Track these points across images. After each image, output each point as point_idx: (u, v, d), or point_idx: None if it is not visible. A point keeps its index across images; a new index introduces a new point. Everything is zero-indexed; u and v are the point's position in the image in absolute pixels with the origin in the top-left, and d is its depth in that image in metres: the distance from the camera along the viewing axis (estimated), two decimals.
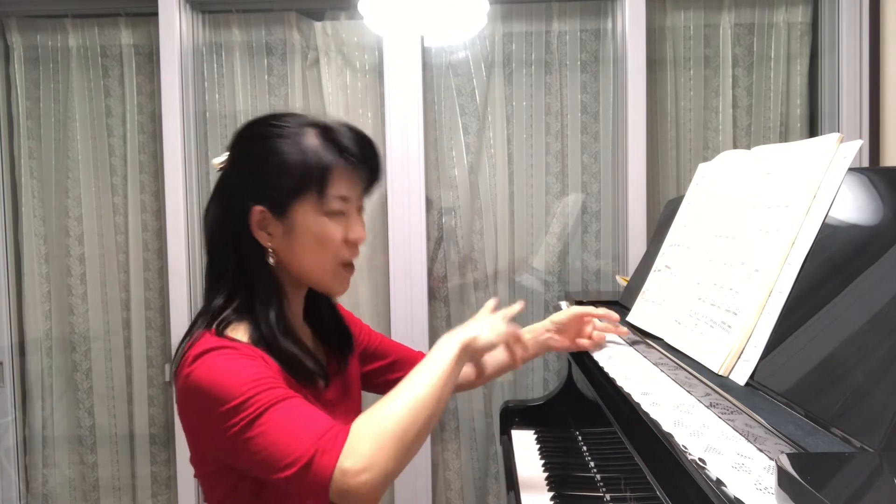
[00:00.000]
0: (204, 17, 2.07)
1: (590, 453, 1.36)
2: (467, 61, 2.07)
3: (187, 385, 0.84)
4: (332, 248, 0.94)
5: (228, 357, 0.84)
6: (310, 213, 0.92)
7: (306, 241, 0.93)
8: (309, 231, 0.93)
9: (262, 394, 0.80)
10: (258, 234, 0.93)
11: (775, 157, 1.02)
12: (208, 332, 0.89)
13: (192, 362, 0.85)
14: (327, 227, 0.93)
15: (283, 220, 0.92)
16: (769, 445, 0.66)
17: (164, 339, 2.13)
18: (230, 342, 0.87)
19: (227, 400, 0.79)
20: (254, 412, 0.78)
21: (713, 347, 0.93)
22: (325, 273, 0.96)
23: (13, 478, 2.14)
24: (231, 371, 0.82)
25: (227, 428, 0.79)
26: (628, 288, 1.52)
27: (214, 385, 0.81)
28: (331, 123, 0.95)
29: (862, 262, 0.75)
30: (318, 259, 0.94)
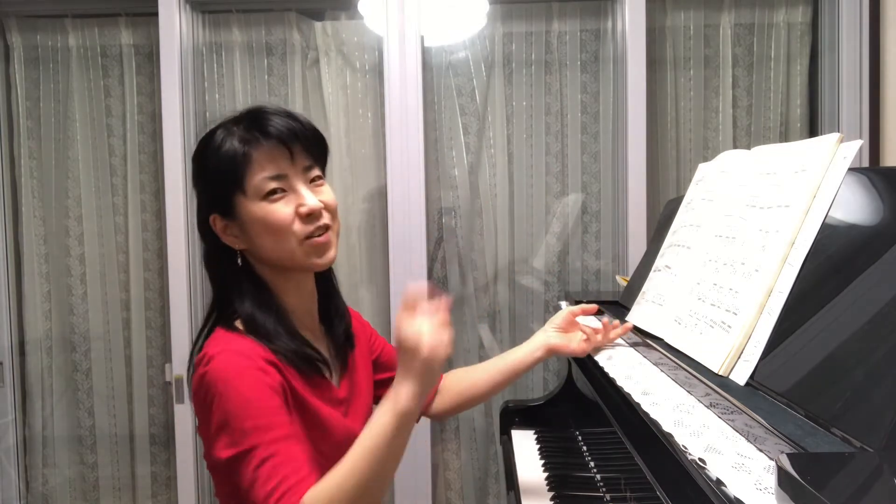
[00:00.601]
0: (204, 17, 2.07)
1: (590, 453, 1.36)
2: (467, 61, 2.07)
3: (202, 384, 0.87)
4: (284, 227, 0.94)
5: (241, 371, 0.86)
6: (248, 202, 0.94)
7: (260, 231, 0.95)
8: (257, 221, 0.94)
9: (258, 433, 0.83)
10: (227, 240, 0.98)
11: (775, 157, 1.02)
12: (221, 328, 0.94)
13: (207, 362, 0.87)
14: (272, 211, 0.94)
15: (234, 220, 0.96)
16: (769, 445, 0.66)
17: (164, 339, 2.13)
18: (243, 344, 0.90)
19: (230, 420, 0.83)
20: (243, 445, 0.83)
21: (713, 347, 0.93)
22: (292, 253, 0.96)
23: (13, 478, 2.14)
24: (240, 391, 0.85)
25: (219, 437, 0.84)
26: (628, 288, 1.52)
27: (225, 398, 0.84)
28: (251, 109, 0.99)
29: (862, 262, 0.75)
30: (278, 243, 0.95)
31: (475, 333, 2.12)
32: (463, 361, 2.12)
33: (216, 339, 0.91)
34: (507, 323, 2.12)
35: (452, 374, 1.27)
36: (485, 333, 2.12)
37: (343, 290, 2.05)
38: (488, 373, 1.23)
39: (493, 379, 1.22)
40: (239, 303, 0.96)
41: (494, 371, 1.22)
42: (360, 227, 2.09)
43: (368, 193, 2.08)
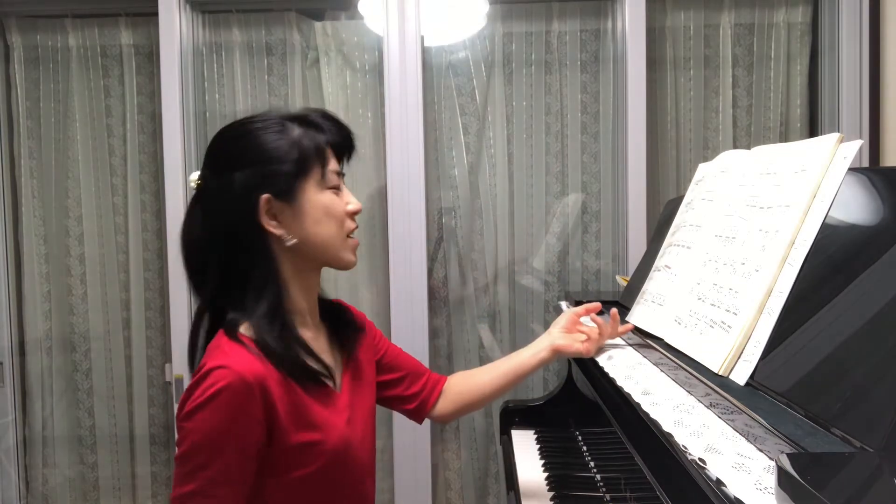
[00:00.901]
0: (204, 17, 2.07)
1: (590, 453, 1.36)
2: (467, 61, 2.07)
3: (191, 394, 0.86)
4: (340, 220, 1.00)
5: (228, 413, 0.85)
6: (315, 190, 0.97)
7: (318, 217, 0.97)
8: (319, 206, 0.97)
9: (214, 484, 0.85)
10: (267, 224, 0.95)
11: (775, 157, 1.02)
12: (225, 336, 0.92)
13: (200, 376, 0.87)
14: (336, 201, 0.99)
15: (291, 203, 0.96)
16: (769, 445, 0.66)
17: (164, 339, 2.13)
18: (245, 361, 0.88)
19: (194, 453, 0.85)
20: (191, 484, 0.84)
21: (713, 347, 0.93)
22: (338, 245, 1.00)
23: (13, 478, 2.14)
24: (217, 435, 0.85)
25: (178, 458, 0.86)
26: (628, 288, 1.52)
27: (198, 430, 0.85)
28: (300, 112, 1.01)
29: (862, 262, 0.75)
30: (330, 231, 0.99)
31: (475, 333, 2.12)
32: (463, 361, 2.12)
33: (218, 349, 0.90)
34: (507, 323, 2.12)
35: (457, 376, 1.27)
36: (485, 333, 2.12)
37: (343, 289, 2.06)
38: (492, 375, 1.22)
39: (497, 381, 1.21)
40: (253, 298, 0.95)
41: (498, 373, 1.22)
42: (360, 226, 2.09)
43: (368, 193, 2.08)
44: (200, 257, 1.00)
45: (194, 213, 1.01)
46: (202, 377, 0.86)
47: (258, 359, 0.89)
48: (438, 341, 2.11)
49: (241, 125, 0.99)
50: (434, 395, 1.22)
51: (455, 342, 2.13)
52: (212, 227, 0.98)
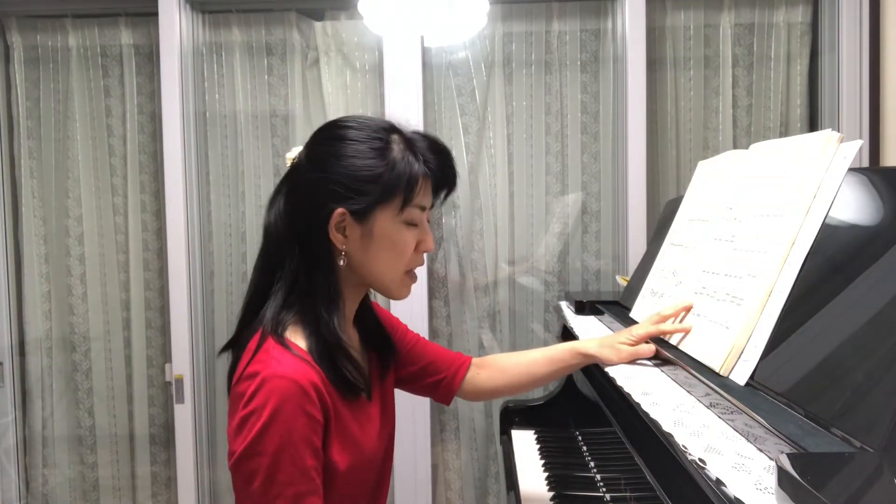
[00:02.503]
0: (204, 17, 2.07)
1: (590, 453, 1.36)
2: (467, 61, 2.07)
3: (251, 405, 0.84)
4: (406, 256, 0.96)
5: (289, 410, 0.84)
6: (390, 219, 0.94)
7: (383, 247, 0.94)
8: (388, 237, 0.94)
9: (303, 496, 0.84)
10: (334, 236, 0.93)
11: (775, 156, 1.02)
12: (272, 336, 0.89)
13: (261, 383, 0.84)
14: (404, 235, 0.95)
15: (362, 224, 0.93)
16: (769, 445, 0.66)
17: (164, 339, 2.13)
18: (297, 368, 0.86)
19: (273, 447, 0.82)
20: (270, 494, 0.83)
21: (713, 347, 0.93)
22: (395, 279, 0.98)
23: (13, 478, 2.14)
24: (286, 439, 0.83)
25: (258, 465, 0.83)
26: (628, 288, 1.52)
27: (273, 425, 0.83)
28: (412, 133, 0.97)
29: (862, 262, 0.75)
30: (390, 265, 0.96)
31: (475, 333, 2.12)
32: None
33: (270, 356, 0.87)
34: (507, 323, 2.12)
35: (508, 355, 1.23)
36: (485, 333, 2.12)
37: None
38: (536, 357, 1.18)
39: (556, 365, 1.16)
40: (314, 305, 0.92)
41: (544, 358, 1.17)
42: None
43: None
44: (277, 241, 0.96)
45: (280, 192, 0.98)
46: (259, 387, 0.84)
47: (311, 367, 0.87)
48: (438, 341, 2.11)
49: (347, 126, 0.95)
50: (458, 377, 1.18)
51: (455, 342, 2.13)
52: (292, 216, 0.95)
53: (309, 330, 0.92)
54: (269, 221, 0.97)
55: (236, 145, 2.09)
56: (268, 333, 0.90)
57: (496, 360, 1.21)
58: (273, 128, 2.10)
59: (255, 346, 0.89)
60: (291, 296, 0.94)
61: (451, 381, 1.18)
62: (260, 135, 2.09)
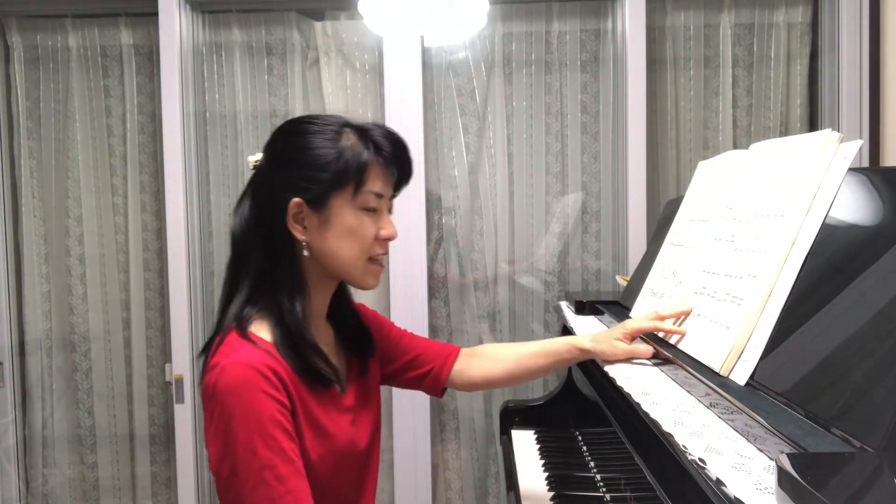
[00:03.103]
0: (204, 17, 2.07)
1: (590, 453, 1.36)
2: (467, 61, 2.07)
3: (214, 395, 0.86)
4: (365, 243, 0.98)
5: (251, 391, 0.85)
6: (346, 206, 0.96)
7: (341, 234, 0.96)
8: (344, 224, 0.96)
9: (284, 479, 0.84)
10: (293, 227, 0.96)
11: (775, 156, 1.02)
12: (233, 330, 0.92)
13: (220, 372, 0.86)
14: (362, 221, 0.97)
15: (319, 213, 0.96)
16: (769, 445, 0.66)
17: (164, 339, 2.13)
18: (256, 356, 0.88)
19: (243, 440, 0.83)
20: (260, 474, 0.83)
21: (713, 347, 0.93)
22: (357, 267, 0.99)
23: (13, 478, 2.14)
24: (250, 414, 0.84)
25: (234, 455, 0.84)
26: (628, 288, 1.52)
27: (236, 417, 0.84)
28: (366, 123, 1.00)
29: (862, 262, 0.75)
30: (350, 252, 0.98)
31: (475, 333, 2.12)
32: None
33: (229, 346, 0.90)
34: (507, 323, 2.12)
35: (502, 345, 1.23)
36: (485, 333, 2.12)
37: None
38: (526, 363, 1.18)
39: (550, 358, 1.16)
40: (276, 297, 0.94)
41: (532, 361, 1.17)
42: None
43: None
44: (243, 240, 0.99)
45: (245, 196, 1.01)
46: (218, 376, 0.86)
47: (271, 357, 0.89)
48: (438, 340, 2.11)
49: (302, 122, 0.99)
50: (446, 368, 1.18)
51: (455, 342, 2.12)
52: (255, 214, 0.99)
53: (273, 322, 0.94)
54: (234, 225, 1.01)
55: (236, 145, 2.09)
56: (231, 328, 0.93)
57: (489, 350, 1.22)
58: (273, 128, 2.08)
59: (219, 341, 0.92)
60: (256, 292, 0.96)
61: (439, 372, 1.18)
62: (260, 135, 2.09)
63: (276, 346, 0.91)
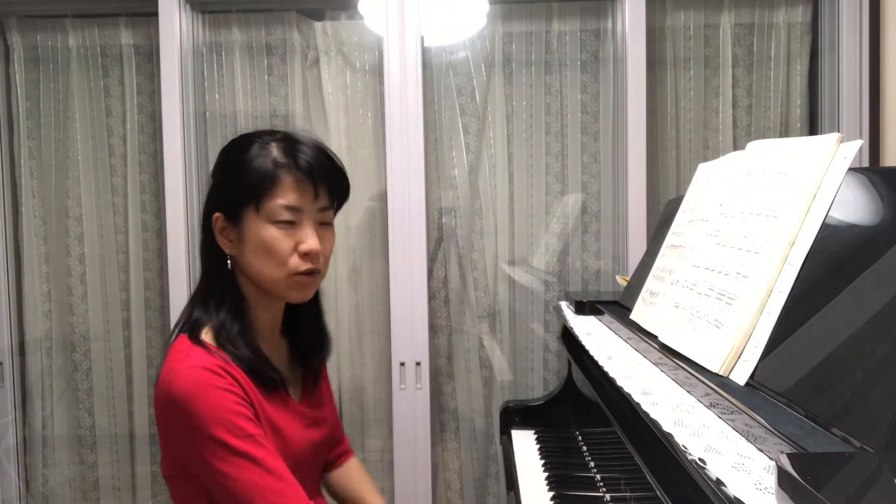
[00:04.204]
0: (204, 17, 2.07)
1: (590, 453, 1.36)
2: (467, 61, 2.07)
3: (171, 401, 0.88)
4: (280, 257, 0.96)
5: (209, 389, 0.87)
6: (257, 220, 0.96)
7: (255, 249, 0.96)
8: (256, 238, 0.96)
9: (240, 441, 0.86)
10: (220, 241, 0.99)
11: (775, 157, 1.02)
12: (184, 336, 0.95)
13: (173, 378, 0.88)
14: (276, 238, 0.95)
15: (236, 227, 0.98)
16: (769, 445, 0.66)
17: (164, 339, 2.13)
18: (207, 359, 0.90)
19: (211, 435, 0.85)
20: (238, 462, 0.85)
21: (713, 347, 0.93)
22: (277, 280, 0.98)
23: (13, 478, 2.14)
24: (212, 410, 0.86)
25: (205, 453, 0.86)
26: (628, 288, 1.52)
27: (198, 415, 0.86)
28: (291, 135, 0.99)
29: (862, 262, 0.75)
30: (267, 266, 0.97)
31: (475, 333, 2.12)
32: (463, 361, 2.12)
33: (181, 352, 0.92)
34: (507, 323, 2.12)
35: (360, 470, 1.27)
36: (485, 333, 2.12)
37: (343, 290, 2.06)
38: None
39: None
40: (215, 305, 0.97)
41: None
42: (360, 226, 2.09)
43: (368, 193, 2.08)
44: (202, 253, 1.05)
45: None
46: (171, 382, 0.88)
47: (220, 359, 0.91)
48: (438, 341, 2.11)
49: (240, 136, 1.02)
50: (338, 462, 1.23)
51: (455, 342, 2.13)
52: (201, 225, 1.04)
53: (218, 330, 0.96)
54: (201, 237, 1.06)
55: None
56: (182, 335, 0.95)
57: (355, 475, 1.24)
58: (273, 128, 2.09)
59: (171, 347, 0.96)
60: (202, 300, 1.00)
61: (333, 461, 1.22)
62: None
63: (222, 350, 0.94)
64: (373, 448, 2.11)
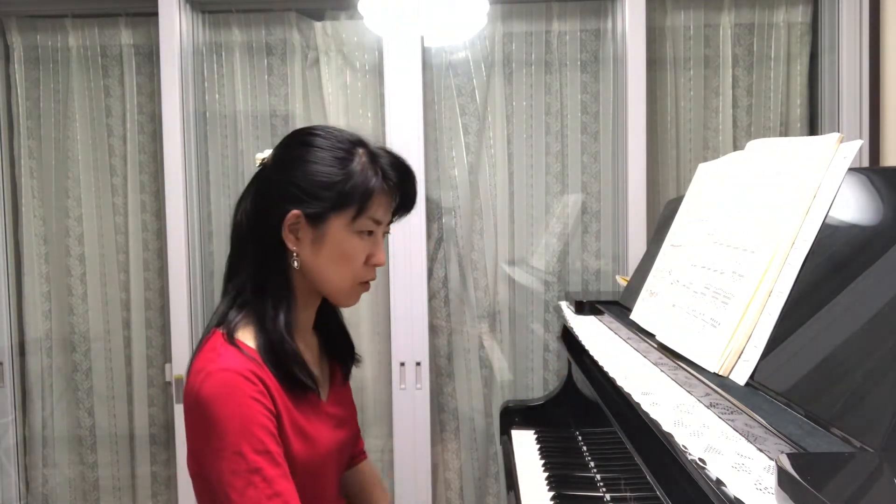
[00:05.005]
0: (204, 17, 2.07)
1: (590, 453, 1.36)
2: (467, 61, 2.07)
3: (199, 401, 0.87)
4: (355, 266, 0.98)
5: (237, 397, 0.86)
6: (342, 228, 0.96)
7: (332, 254, 0.96)
8: (337, 245, 0.96)
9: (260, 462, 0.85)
10: (287, 237, 0.95)
11: (775, 157, 1.02)
12: (219, 333, 0.93)
13: (204, 378, 0.87)
14: (355, 245, 0.97)
15: (315, 229, 0.95)
16: (769, 445, 0.66)
17: (164, 339, 2.13)
18: (240, 362, 0.89)
19: (230, 444, 0.84)
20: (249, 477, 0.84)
21: (709, 346, 0.93)
22: (342, 287, 0.99)
23: (13, 478, 2.14)
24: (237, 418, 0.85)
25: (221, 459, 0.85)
26: (628, 288, 1.52)
27: (222, 422, 0.85)
28: (377, 148, 0.99)
29: (862, 262, 0.75)
30: (339, 273, 0.98)
31: (475, 333, 2.12)
32: (463, 361, 2.12)
33: (214, 351, 0.90)
34: (507, 323, 2.12)
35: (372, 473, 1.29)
36: (485, 333, 2.12)
37: None
38: None
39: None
40: (264, 301, 0.95)
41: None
42: None
43: None
44: (240, 237, 1.00)
45: (248, 192, 1.01)
46: (203, 381, 0.87)
47: (255, 363, 0.90)
48: (438, 341, 2.11)
49: (315, 133, 0.98)
50: (353, 461, 1.24)
51: (455, 342, 2.13)
52: (254, 214, 0.98)
53: (257, 328, 0.94)
54: (236, 222, 1.01)
55: (236, 145, 2.09)
56: (217, 331, 0.93)
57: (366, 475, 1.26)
58: (273, 128, 2.10)
59: (204, 343, 0.93)
60: (243, 294, 0.96)
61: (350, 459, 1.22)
62: (260, 135, 2.09)
63: (259, 353, 0.92)
64: (373, 448, 2.11)
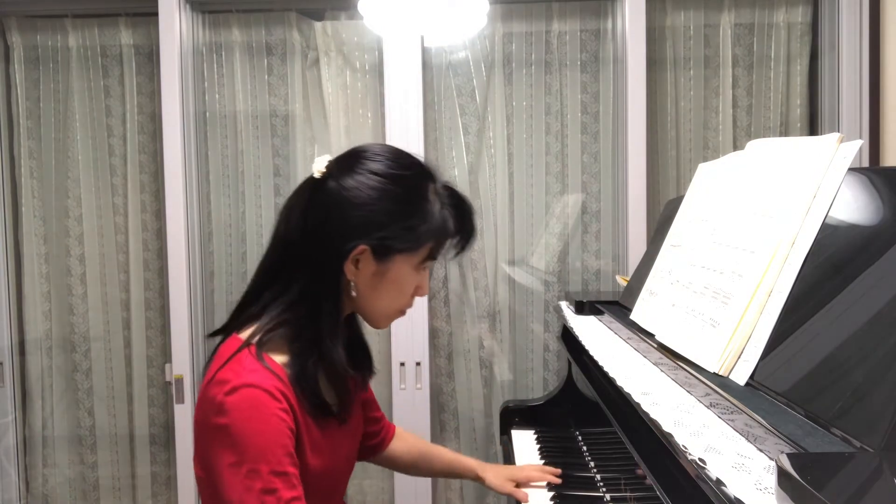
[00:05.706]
0: (204, 17, 2.07)
1: (590, 453, 1.36)
2: (467, 61, 2.07)
3: (223, 411, 0.85)
4: (406, 297, 1.00)
5: (261, 414, 0.85)
6: (407, 264, 0.96)
7: (391, 288, 0.97)
8: (398, 280, 0.96)
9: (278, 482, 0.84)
10: (348, 268, 0.92)
11: (775, 157, 1.02)
12: (247, 349, 0.89)
13: (231, 391, 0.85)
14: (413, 280, 0.98)
15: (379, 263, 0.93)
16: (769, 445, 0.66)
17: (164, 339, 2.13)
18: (267, 380, 0.86)
19: (249, 460, 0.83)
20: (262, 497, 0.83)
21: (708, 346, 0.93)
22: (387, 314, 1.01)
23: (13, 478, 2.14)
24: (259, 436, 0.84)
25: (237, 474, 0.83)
26: (628, 288, 1.52)
27: (243, 438, 0.84)
28: (446, 189, 0.99)
29: (862, 262, 0.75)
30: (391, 304, 0.99)
31: (475, 333, 2.12)
32: (463, 361, 2.12)
33: (240, 364, 0.87)
34: (507, 323, 2.12)
35: (420, 440, 1.32)
36: (485, 333, 2.12)
37: None
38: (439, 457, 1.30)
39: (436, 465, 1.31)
40: (314, 327, 0.92)
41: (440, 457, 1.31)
42: None
43: None
44: (288, 250, 0.94)
45: (300, 202, 0.94)
46: (228, 395, 0.85)
47: (281, 381, 0.88)
48: (438, 341, 2.11)
49: (389, 162, 0.94)
50: (389, 436, 1.26)
51: (455, 342, 2.13)
52: (309, 232, 0.92)
53: (293, 355, 0.91)
54: (283, 230, 0.95)
55: (236, 145, 2.09)
56: (247, 344, 0.90)
57: (407, 435, 1.30)
58: (273, 128, 2.10)
59: (230, 353, 0.89)
60: (288, 313, 0.92)
61: (381, 441, 1.25)
62: (260, 135, 2.09)
63: (287, 372, 0.90)
64: None
